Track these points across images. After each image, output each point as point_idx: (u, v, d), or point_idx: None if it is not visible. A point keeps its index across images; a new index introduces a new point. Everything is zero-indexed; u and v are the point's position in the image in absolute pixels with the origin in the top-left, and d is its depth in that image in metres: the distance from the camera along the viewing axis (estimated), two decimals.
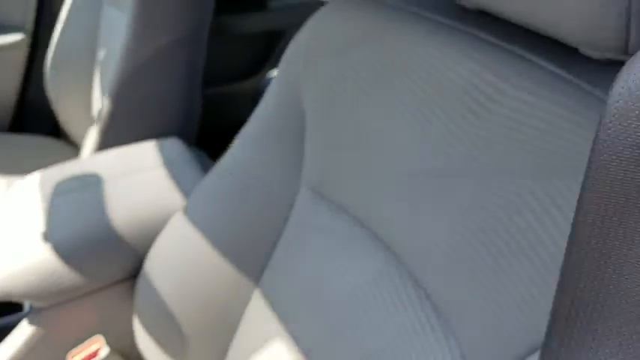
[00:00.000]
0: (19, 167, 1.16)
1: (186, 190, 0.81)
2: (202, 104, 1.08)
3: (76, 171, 0.85)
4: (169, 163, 0.84)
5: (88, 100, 1.25)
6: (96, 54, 1.25)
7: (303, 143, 0.68)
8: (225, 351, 0.71)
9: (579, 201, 0.24)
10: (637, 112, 0.22)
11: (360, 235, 0.62)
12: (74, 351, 0.78)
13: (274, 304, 0.67)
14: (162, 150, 0.86)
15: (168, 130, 0.96)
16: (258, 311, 0.69)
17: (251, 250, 0.70)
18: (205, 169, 0.86)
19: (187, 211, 0.72)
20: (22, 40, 1.42)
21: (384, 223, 0.59)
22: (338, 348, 0.59)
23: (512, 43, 0.51)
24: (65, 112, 1.31)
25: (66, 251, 0.73)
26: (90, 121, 1.23)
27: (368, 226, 0.61)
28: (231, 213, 0.71)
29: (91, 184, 0.81)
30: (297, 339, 0.63)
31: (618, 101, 0.22)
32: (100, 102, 1.16)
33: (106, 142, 0.97)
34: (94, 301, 0.78)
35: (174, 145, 0.88)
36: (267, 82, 1.34)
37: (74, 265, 0.74)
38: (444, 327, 0.51)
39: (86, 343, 0.78)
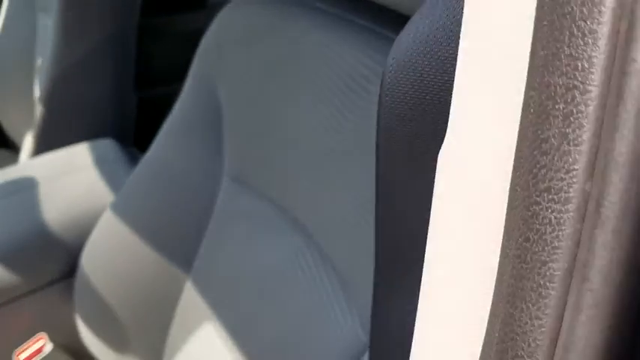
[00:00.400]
0: None
1: (118, 189, 0.83)
2: (139, 105, 1.10)
3: (10, 175, 0.87)
4: (102, 163, 0.87)
5: (30, 107, 1.26)
6: (34, 61, 1.26)
7: (222, 134, 0.71)
8: (164, 339, 0.75)
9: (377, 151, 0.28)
10: (405, 78, 0.26)
11: (278, 219, 0.66)
12: (19, 349, 0.81)
13: (204, 292, 0.71)
14: (94, 151, 0.89)
15: (103, 132, 0.98)
16: (190, 300, 0.72)
17: (179, 241, 0.73)
18: None
19: (116, 207, 0.75)
20: None
21: (298, 204, 0.63)
22: (260, 328, 0.63)
23: (392, 31, 0.55)
24: (7, 119, 1.31)
25: (2, 253, 0.76)
26: (31, 128, 1.24)
27: (286, 209, 0.65)
28: (157, 206, 0.74)
29: (25, 187, 0.84)
30: (225, 323, 0.67)
31: (391, 70, 0.27)
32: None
33: (42, 147, 0.99)
34: (34, 300, 0.80)
35: (107, 145, 0.90)
36: None
37: (11, 266, 0.77)
38: (348, 298, 0.56)
39: (30, 341, 0.80)
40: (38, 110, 0.99)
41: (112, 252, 0.75)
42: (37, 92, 1.18)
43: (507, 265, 0.20)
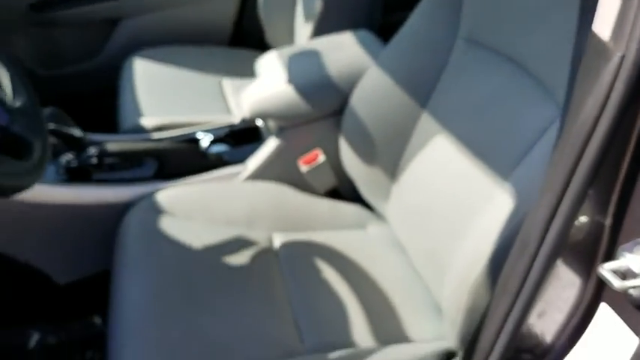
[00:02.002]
0: (242, 74, 1.61)
1: (375, 58, 1.19)
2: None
3: (299, 47, 1.29)
4: (362, 43, 1.24)
5: (291, 22, 1.68)
6: None
7: (462, 3, 1.02)
8: (401, 153, 1.09)
9: None
10: None
11: (504, 63, 0.95)
12: (302, 158, 1.22)
13: (436, 118, 1.04)
14: (356, 36, 1.27)
15: (357, 26, 1.35)
16: (425, 124, 1.06)
17: (420, 85, 1.06)
18: None
19: (379, 61, 1.11)
20: None
21: (530, 55, 0.90)
22: (479, 136, 0.95)
23: None
24: (272, 30, 1.76)
25: (302, 88, 1.16)
26: (290, 39, 1.66)
27: (515, 59, 0.93)
28: (404, 62, 1.08)
29: (312, 51, 1.24)
30: (453, 135, 0.99)
31: None
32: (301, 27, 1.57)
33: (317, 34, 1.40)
34: (317, 126, 1.21)
35: (365, 34, 1.28)
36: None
37: (305, 100, 1.17)
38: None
39: (310, 153, 1.21)
40: (318, 6, 1.39)
41: (372, 93, 1.12)
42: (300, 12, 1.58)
43: None
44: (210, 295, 0.96)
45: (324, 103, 1.19)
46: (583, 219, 0.56)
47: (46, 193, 1.12)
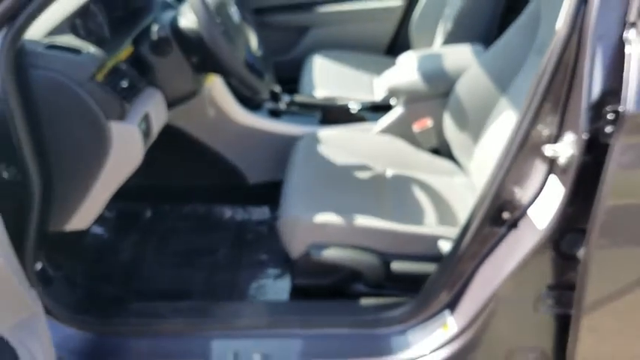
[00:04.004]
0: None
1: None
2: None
3: (428, 51, 1.87)
4: (474, 49, 1.79)
5: (431, 40, 2.26)
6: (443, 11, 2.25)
7: (539, 26, 1.53)
8: (483, 125, 1.61)
9: None
10: None
11: None
12: (416, 123, 1.79)
13: (510, 103, 1.55)
14: (471, 48, 1.82)
15: (475, 40, 1.90)
16: (501, 106, 1.57)
17: (502, 77, 1.58)
18: None
19: (477, 63, 1.65)
20: (399, 5, 2.52)
21: None
22: None
23: None
24: (418, 45, 2.35)
25: (423, 75, 1.74)
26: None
27: None
28: (495, 63, 1.61)
29: (436, 53, 1.81)
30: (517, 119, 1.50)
31: None
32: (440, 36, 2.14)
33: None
34: (430, 102, 1.77)
35: (477, 48, 1.83)
36: None
37: (426, 82, 1.74)
38: None
39: (423, 120, 1.78)
40: (450, 26, 1.97)
41: (470, 82, 1.65)
42: (440, 29, 2.16)
43: None
44: (343, 190, 1.55)
45: (437, 86, 1.75)
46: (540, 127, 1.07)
47: (255, 121, 1.82)
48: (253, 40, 1.57)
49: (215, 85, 1.74)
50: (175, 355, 1.27)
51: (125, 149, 1.20)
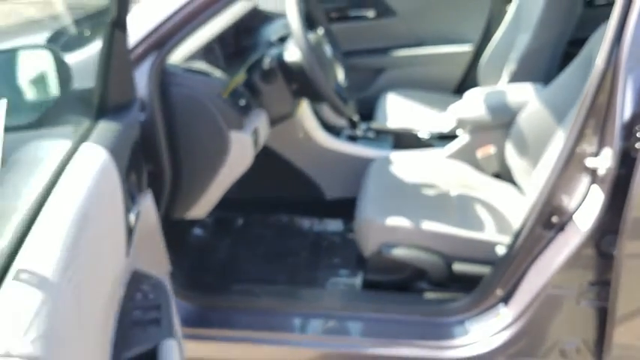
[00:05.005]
0: None
1: None
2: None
3: (493, 88, 2.10)
4: (534, 87, 2.01)
5: (497, 79, 2.49)
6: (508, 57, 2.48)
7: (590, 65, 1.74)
8: (541, 152, 1.81)
9: None
10: None
11: None
12: (480, 150, 2.01)
13: (565, 135, 1.75)
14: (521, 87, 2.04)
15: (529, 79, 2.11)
16: (557, 137, 1.77)
17: (557, 112, 1.79)
18: None
19: (536, 97, 1.87)
20: (468, 51, 2.77)
21: None
22: None
23: None
24: (485, 84, 2.58)
25: (488, 107, 1.97)
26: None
27: None
28: (551, 98, 1.81)
29: (500, 90, 2.04)
30: None
31: None
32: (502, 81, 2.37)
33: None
34: (493, 131, 1.98)
35: (529, 85, 2.04)
36: None
37: (490, 114, 1.97)
38: None
39: (486, 147, 2.00)
40: (514, 68, 2.20)
41: (530, 114, 1.86)
42: (505, 74, 2.39)
43: None
44: (413, 201, 1.79)
45: (501, 118, 1.97)
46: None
47: (335, 143, 2.10)
48: (340, 73, 1.86)
49: (304, 111, 2.04)
50: (267, 328, 1.52)
51: (240, 153, 1.50)
